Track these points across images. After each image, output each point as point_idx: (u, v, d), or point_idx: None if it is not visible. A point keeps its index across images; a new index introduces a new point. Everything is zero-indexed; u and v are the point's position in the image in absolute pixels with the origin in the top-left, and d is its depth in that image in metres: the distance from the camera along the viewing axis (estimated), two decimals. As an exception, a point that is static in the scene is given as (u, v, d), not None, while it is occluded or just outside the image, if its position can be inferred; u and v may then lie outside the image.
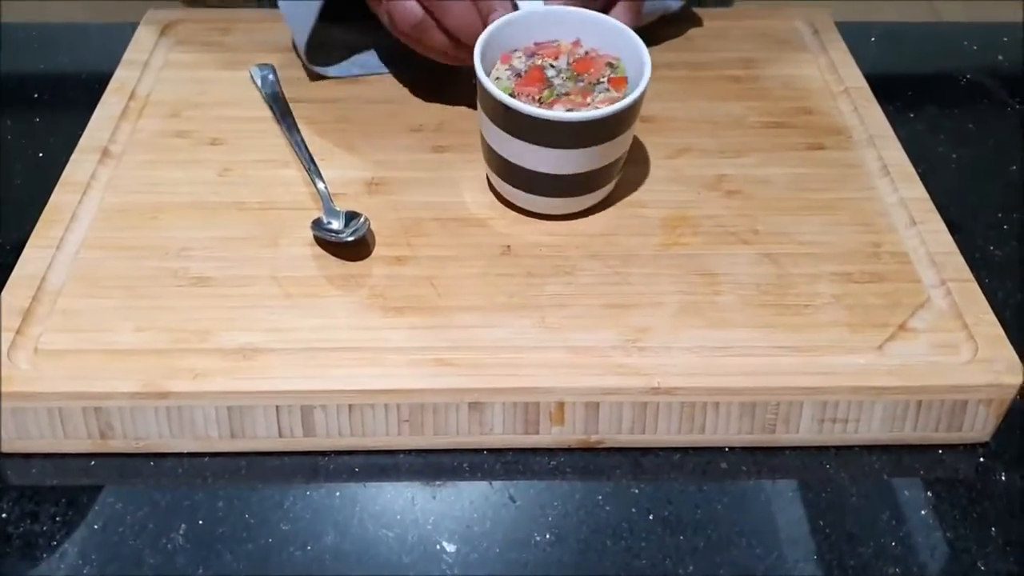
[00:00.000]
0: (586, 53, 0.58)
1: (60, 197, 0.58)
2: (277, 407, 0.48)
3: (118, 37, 0.71)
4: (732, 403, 0.49)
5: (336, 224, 0.55)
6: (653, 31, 0.70)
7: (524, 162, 0.55)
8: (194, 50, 0.70)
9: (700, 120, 0.64)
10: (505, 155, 0.55)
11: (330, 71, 0.67)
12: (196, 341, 0.50)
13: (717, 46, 0.71)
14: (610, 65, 0.57)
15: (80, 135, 0.62)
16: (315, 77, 0.67)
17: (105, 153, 0.61)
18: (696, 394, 0.48)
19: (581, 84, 0.56)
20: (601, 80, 0.56)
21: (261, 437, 0.49)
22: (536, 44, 0.58)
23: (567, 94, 0.55)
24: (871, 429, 0.50)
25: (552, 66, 0.57)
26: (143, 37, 0.70)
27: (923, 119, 0.70)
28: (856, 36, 0.73)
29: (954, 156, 0.68)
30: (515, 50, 0.58)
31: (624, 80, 0.56)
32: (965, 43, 0.78)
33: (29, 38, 0.77)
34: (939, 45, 0.80)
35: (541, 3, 0.58)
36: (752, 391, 0.48)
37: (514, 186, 0.56)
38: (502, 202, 0.58)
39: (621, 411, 0.49)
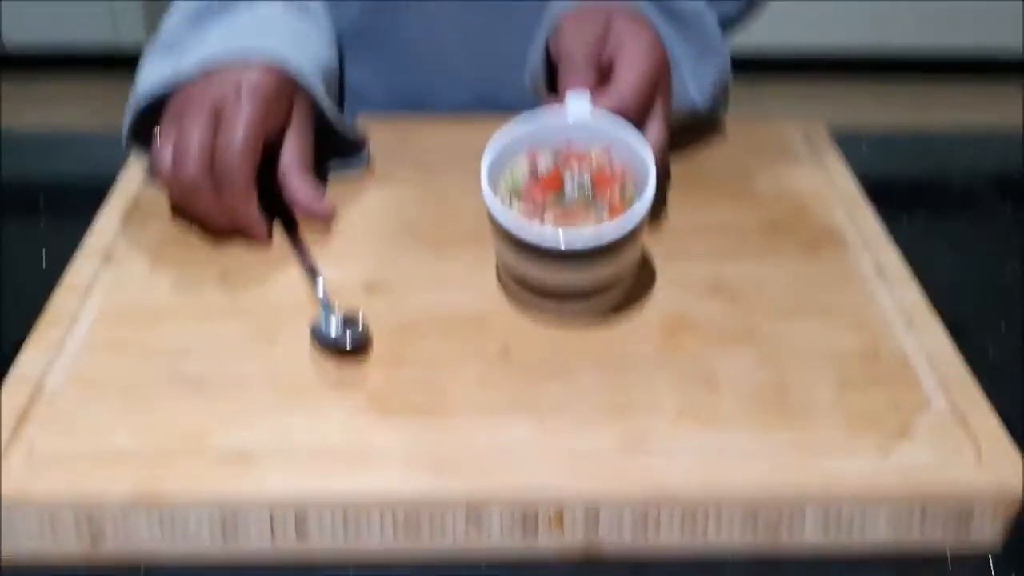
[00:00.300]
0: (610, 169, 0.57)
1: (61, 299, 0.58)
2: (271, 514, 0.47)
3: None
4: (735, 508, 0.48)
5: (335, 331, 0.55)
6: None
7: (515, 267, 0.56)
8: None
9: (697, 225, 0.65)
10: (498, 254, 0.56)
11: None
12: (191, 444, 0.49)
13: (712, 154, 0.73)
14: (621, 187, 0.57)
15: (82, 239, 0.62)
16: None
17: (107, 257, 0.61)
18: (698, 500, 0.48)
19: (589, 200, 0.56)
20: (604, 203, 0.56)
21: (254, 544, 0.48)
22: (569, 146, 0.58)
23: (571, 207, 0.56)
24: (877, 535, 0.49)
25: (573, 178, 0.57)
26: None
27: (916, 224, 0.71)
28: (848, 145, 0.75)
29: (948, 261, 0.68)
30: (542, 148, 0.58)
31: (622, 208, 0.56)
32: (955, 151, 0.80)
33: (36, 145, 0.79)
34: (929, 153, 0.81)
35: (588, 106, 0.59)
36: (755, 495, 0.48)
37: (515, 284, 0.57)
38: (501, 304, 0.58)
39: (622, 516, 0.48)
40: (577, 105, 0.59)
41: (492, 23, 0.76)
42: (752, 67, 1.54)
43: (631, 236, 0.55)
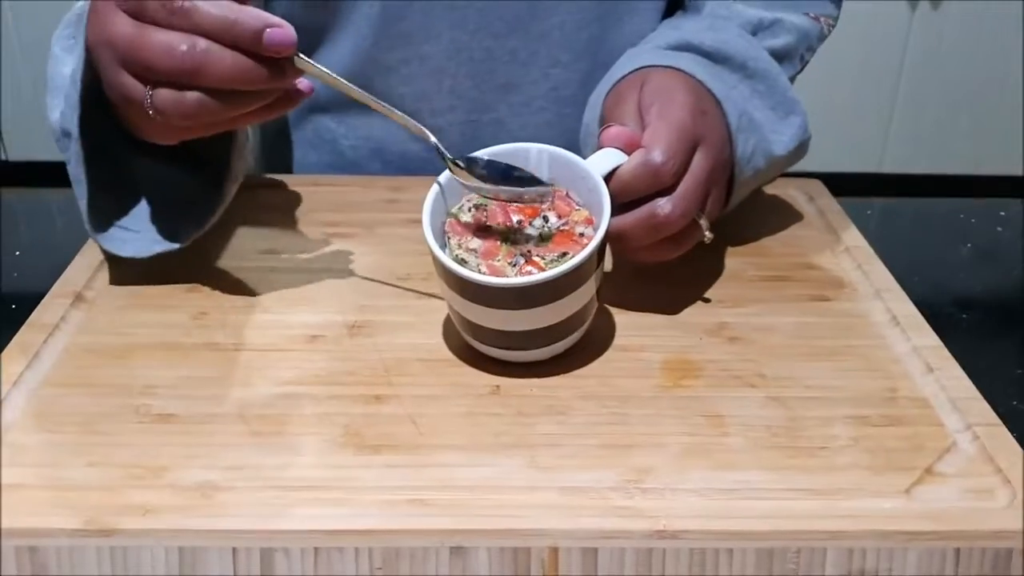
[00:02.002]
0: (564, 222, 0.54)
1: (24, 336, 0.54)
2: (234, 549, 0.43)
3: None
4: (748, 549, 0.43)
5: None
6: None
7: (465, 312, 0.52)
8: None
9: (699, 272, 0.62)
10: (449, 302, 0.53)
11: (125, 251, 0.59)
12: (150, 478, 0.45)
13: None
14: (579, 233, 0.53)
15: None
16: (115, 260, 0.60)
17: (78, 298, 0.58)
18: (707, 538, 0.43)
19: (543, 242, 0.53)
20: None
21: (214, 586, 0.43)
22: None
23: (526, 245, 0.53)
24: (905, 581, 0.44)
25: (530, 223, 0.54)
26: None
27: (927, 283, 0.69)
28: (852, 211, 0.72)
29: (963, 317, 0.65)
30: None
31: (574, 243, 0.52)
32: (961, 216, 0.78)
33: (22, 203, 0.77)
34: (936, 218, 0.79)
35: (615, 159, 0.54)
36: (769, 535, 0.43)
37: (464, 332, 0.54)
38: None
39: (623, 558, 0.43)
40: (604, 158, 0.55)
41: (475, 74, 0.75)
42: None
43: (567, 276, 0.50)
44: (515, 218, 0.54)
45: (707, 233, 0.57)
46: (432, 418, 0.49)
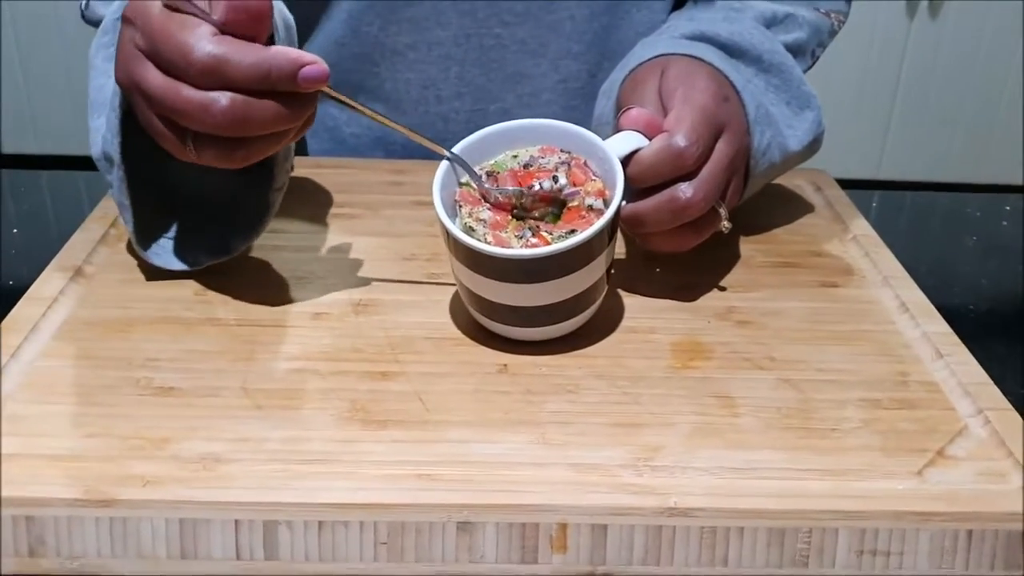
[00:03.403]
0: (576, 191, 0.53)
1: (22, 310, 0.53)
2: (236, 522, 0.42)
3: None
4: (759, 529, 0.43)
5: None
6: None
7: (472, 285, 0.51)
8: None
9: (706, 258, 0.61)
10: (456, 274, 0.52)
11: (174, 264, 0.58)
12: (151, 449, 0.44)
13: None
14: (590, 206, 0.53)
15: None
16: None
17: (78, 272, 0.57)
18: (718, 517, 0.42)
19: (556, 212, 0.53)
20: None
21: (216, 559, 0.42)
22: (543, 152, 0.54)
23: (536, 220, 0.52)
24: (917, 564, 0.43)
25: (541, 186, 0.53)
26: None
27: (934, 274, 0.68)
28: (857, 201, 0.72)
29: (971, 307, 0.65)
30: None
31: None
32: (968, 210, 0.78)
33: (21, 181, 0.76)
34: (940, 209, 0.79)
35: (635, 141, 0.54)
36: (780, 514, 0.43)
37: (471, 306, 0.53)
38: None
39: (632, 536, 0.43)
40: (623, 140, 0.54)
41: (484, 62, 0.75)
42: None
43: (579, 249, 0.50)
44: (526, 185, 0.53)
45: (725, 222, 0.56)
46: (439, 395, 0.48)
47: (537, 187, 0.52)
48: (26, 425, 0.45)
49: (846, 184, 0.73)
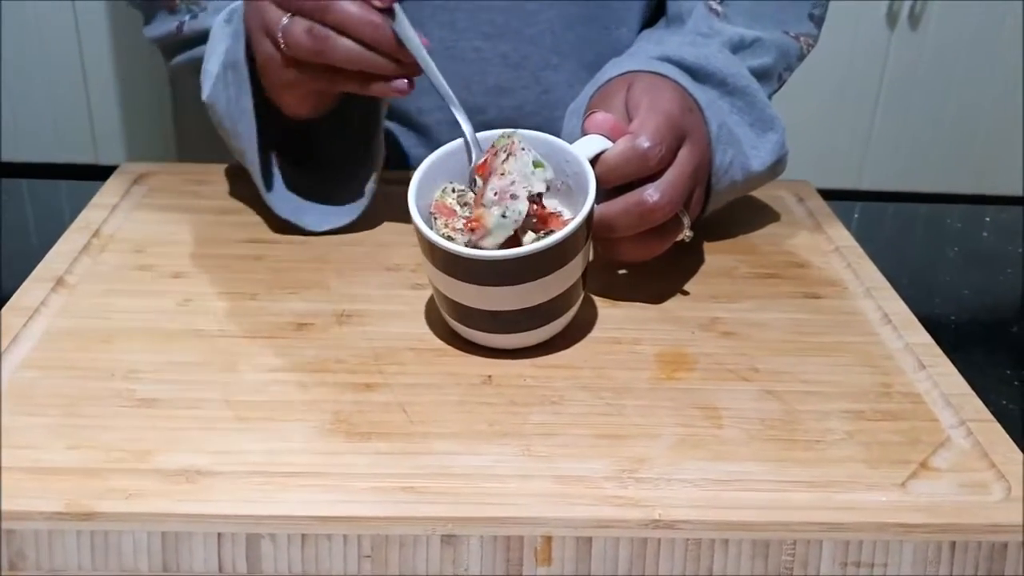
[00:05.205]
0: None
1: (3, 320, 0.53)
2: (219, 535, 0.41)
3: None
4: (743, 541, 0.43)
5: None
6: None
7: (451, 293, 0.51)
8: (166, 197, 0.67)
9: (688, 269, 0.62)
10: (433, 282, 0.52)
11: (308, 224, 0.64)
12: (133, 461, 0.44)
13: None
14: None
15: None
16: (288, 229, 0.64)
17: (59, 282, 0.57)
18: (702, 529, 0.42)
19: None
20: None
21: (199, 573, 0.42)
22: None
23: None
24: (900, 571, 0.43)
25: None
26: (114, 185, 0.68)
27: (916, 285, 0.68)
28: (839, 211, 0.72)
29: (952, 318, 0.65)
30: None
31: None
32: (949, 220, 0.78)
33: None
34: (922, 220, 0.80)
35: (598, 145, 0.54)
36: (765, 526, 0.43)
37: (451, 316, 0.53)
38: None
39: (617, 548, 0.42)
40: (588, 143, 0.55)
41: (470, 78, 0.75)
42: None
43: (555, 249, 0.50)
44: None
45: (687, 231, 0.57)
46: (423, 407, 0.48)
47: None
48: (6, 437, 0.45)
49: (828, 194, 0.73)
